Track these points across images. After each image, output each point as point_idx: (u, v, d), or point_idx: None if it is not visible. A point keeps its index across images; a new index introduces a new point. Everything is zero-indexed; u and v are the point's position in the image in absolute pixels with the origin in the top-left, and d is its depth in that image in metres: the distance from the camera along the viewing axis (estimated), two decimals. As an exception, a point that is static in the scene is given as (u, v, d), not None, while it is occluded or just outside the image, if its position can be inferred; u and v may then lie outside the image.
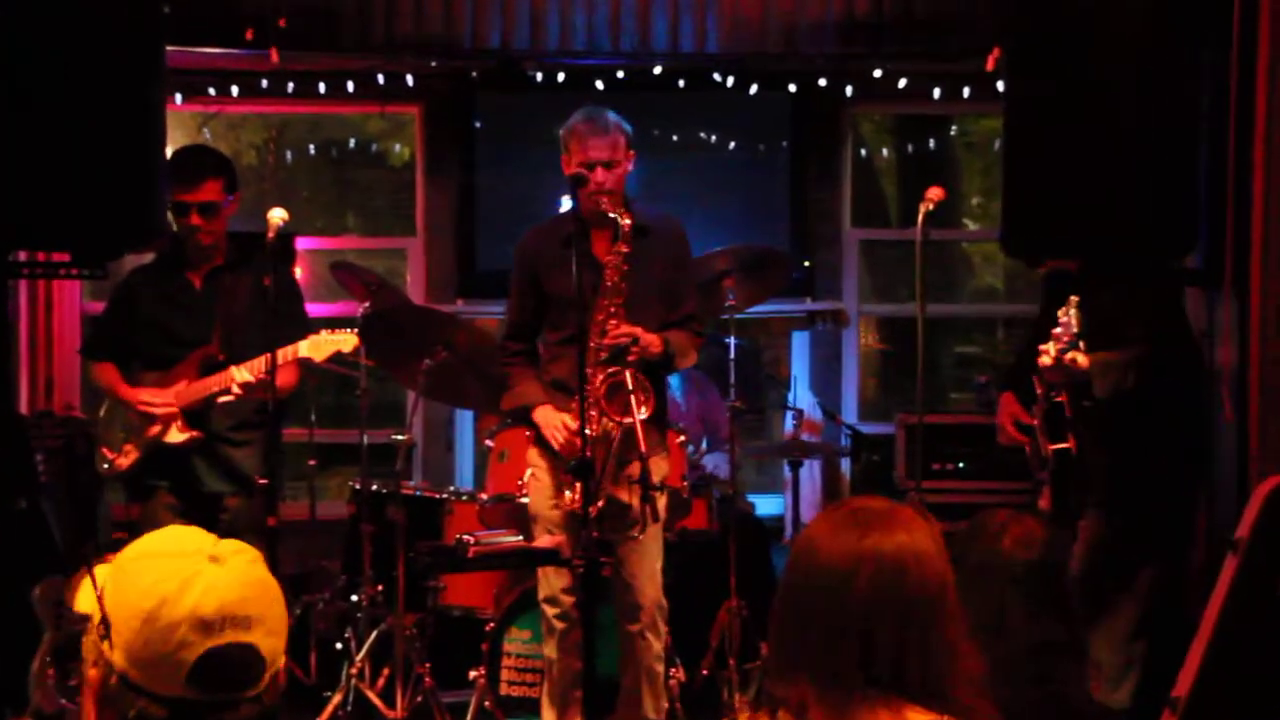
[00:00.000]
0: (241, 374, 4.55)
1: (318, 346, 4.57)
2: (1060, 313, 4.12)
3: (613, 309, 4.33)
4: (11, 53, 3.93)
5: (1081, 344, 4.11)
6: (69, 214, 4.00)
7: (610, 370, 4.26)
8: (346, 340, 4.61)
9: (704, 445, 6.29)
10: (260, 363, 4.52)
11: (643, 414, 4.15)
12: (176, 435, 4.67)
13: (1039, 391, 4.46)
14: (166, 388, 4.68)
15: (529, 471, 4.56)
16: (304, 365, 4.72)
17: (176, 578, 1.59)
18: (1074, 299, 4.10)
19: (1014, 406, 4.68)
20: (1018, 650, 2.38)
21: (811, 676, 1.87)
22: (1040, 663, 2.40)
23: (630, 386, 4.18)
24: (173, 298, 4.77)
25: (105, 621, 1.58)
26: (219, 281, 4.76)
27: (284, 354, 4.49)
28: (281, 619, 1.67)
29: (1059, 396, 4.35)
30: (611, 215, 4.32)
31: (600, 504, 4.18)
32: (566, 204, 4.49)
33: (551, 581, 4.49)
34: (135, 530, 4.87)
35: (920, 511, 1.99)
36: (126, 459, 4.73)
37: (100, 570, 1.64)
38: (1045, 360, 4.14)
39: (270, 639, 1.64)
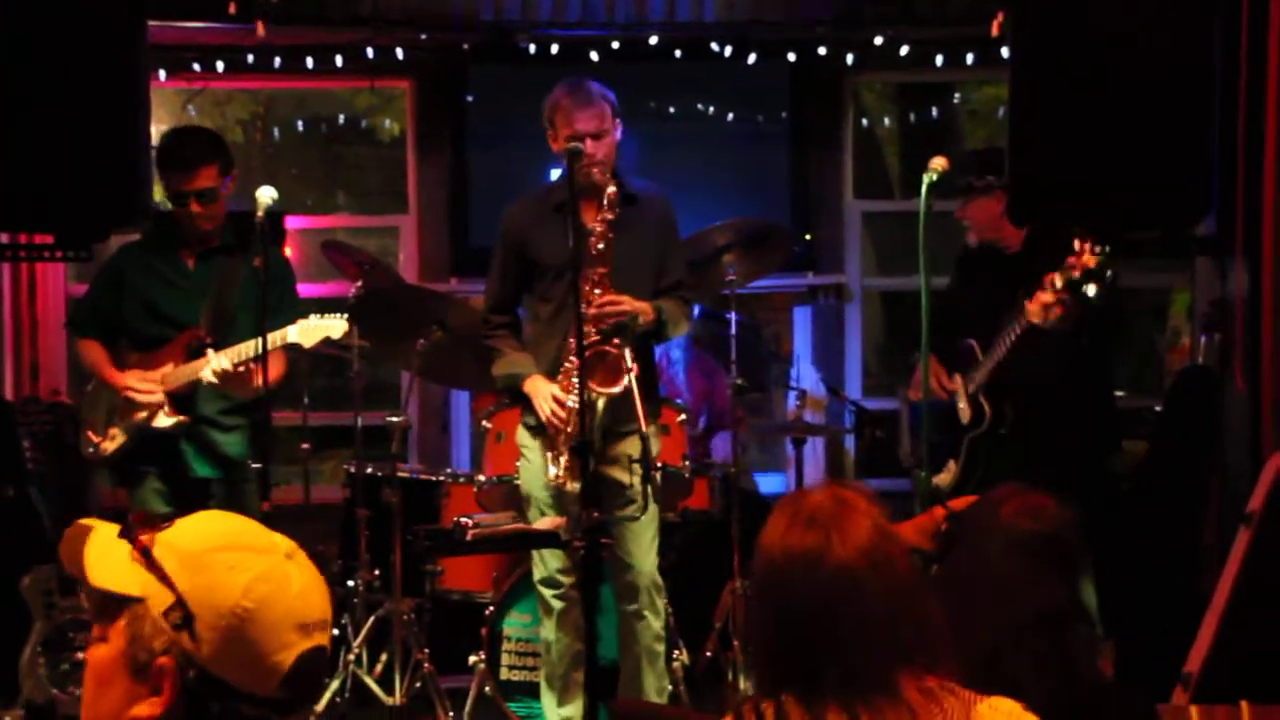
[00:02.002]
0: (219, 361, 4.45)
1: (307, 332, 4.47)
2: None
3: (596, 277, 4.28)
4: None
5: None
6: (52, 195, 3.94)
7: (592, 340, 4.19)
8: (336, 327, 4.51)
9: (701, 423, 6.20)
10: (242, 349, 4.43)
11: (632, 371, 4.07)
12: (164, 420, 4.57)
13: (980, 356, 4.61)
14: (152, 369, 4.58)
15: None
16: (293, 351, 4.61)
17: (271, 577, 1.56)
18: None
19: (935, 366, 4.79)
20: (1021, 619, 2.32)
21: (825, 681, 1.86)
22: (1046, 632, 2.34)
23: (624, 354, 4.10)
24: (163, 276, 4.68)
25: (187, 612, 1.52)
26: (213, 263, 4.67)
27: (272, 339, 4.39)
28: None
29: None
30: (598, 181, 4.28)
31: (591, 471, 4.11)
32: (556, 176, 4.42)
33: (547, 562, 4.45)
34: (123, 516, 4.80)
35: (862, 490, 2.02)
36: (112, 443, 4.63)
37: (166, 553, 1.57)
38: (1046, 297, 4.17)
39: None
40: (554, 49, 6.63)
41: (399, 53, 6.66)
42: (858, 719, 1.84)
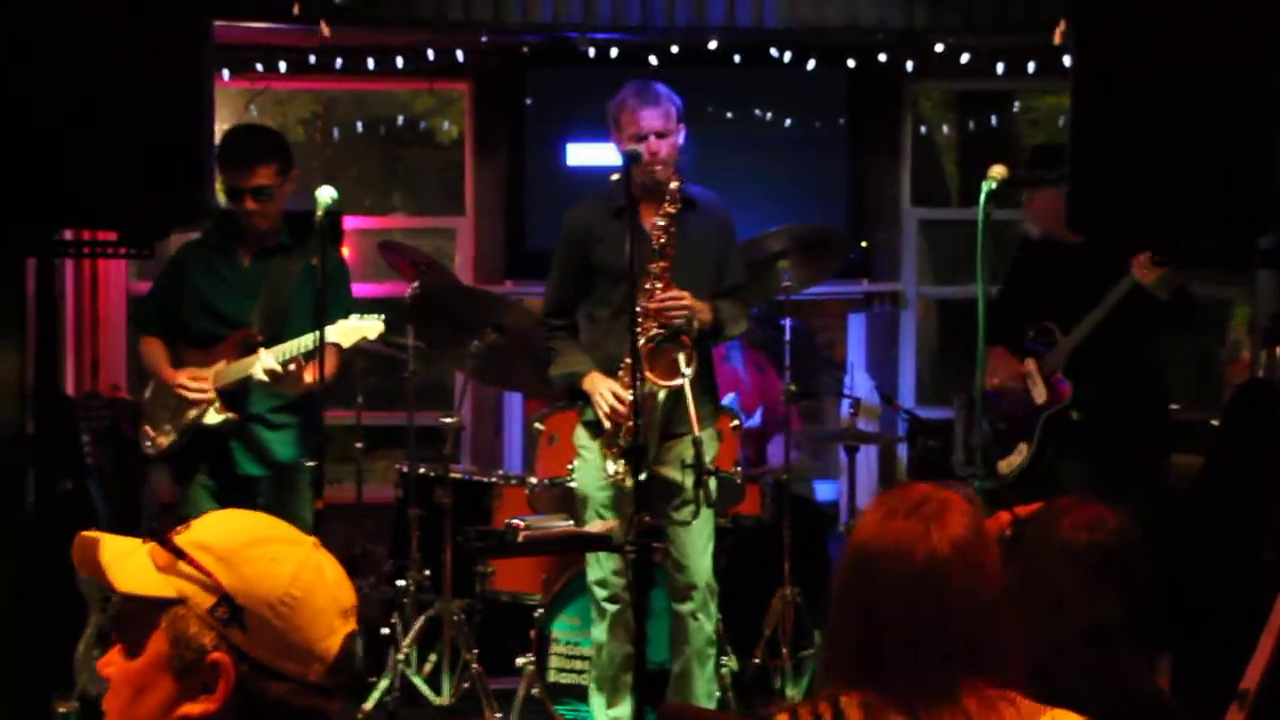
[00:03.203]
0: (268, 359, 4.48)
1: (344, 333, 4.51)
2: None
3: (657, 270, 4.29)
4: (58, 29, 3.89)
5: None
6: (116, 192, 3.96)
7: (654, 334, 4.21)
8: (372, 328, 4.54)
9: (758, 417, 6.20)
10: (289, 347, 4.46)
11: (689, 373, 4.07)
12: (213, 416, 4.61)
13: (1059, 336, 4.73)
14: (207, 367, 4.63)
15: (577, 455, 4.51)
16: (341, 350, 4.63)
17: (310, 565, 1.59)
18: None
19: (1004, 356, 4.94)
20: (1075, 632, 2.30)
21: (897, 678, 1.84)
22: (1098, 647, 2.32)
23: (680, 354, 4.11)
24: (219, 274, 4.72)
25: (234, 606, 1.54)
26: (269, 262, 4.70)
27: (314, 340, 4.42)
28: None
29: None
30: (661, 180, 4.31)
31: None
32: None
33: (602, 563, 4.45)
34: (174, 512, 4.84)
35: (963, 491, 2.04)
36: (165, 439, 4.68)
37: (199, 553, 1.57)
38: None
39: None
40: (613, 53, 6.63)
41: (459, 55, 6.69)
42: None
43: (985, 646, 1.85)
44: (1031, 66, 6.72)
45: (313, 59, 6.66)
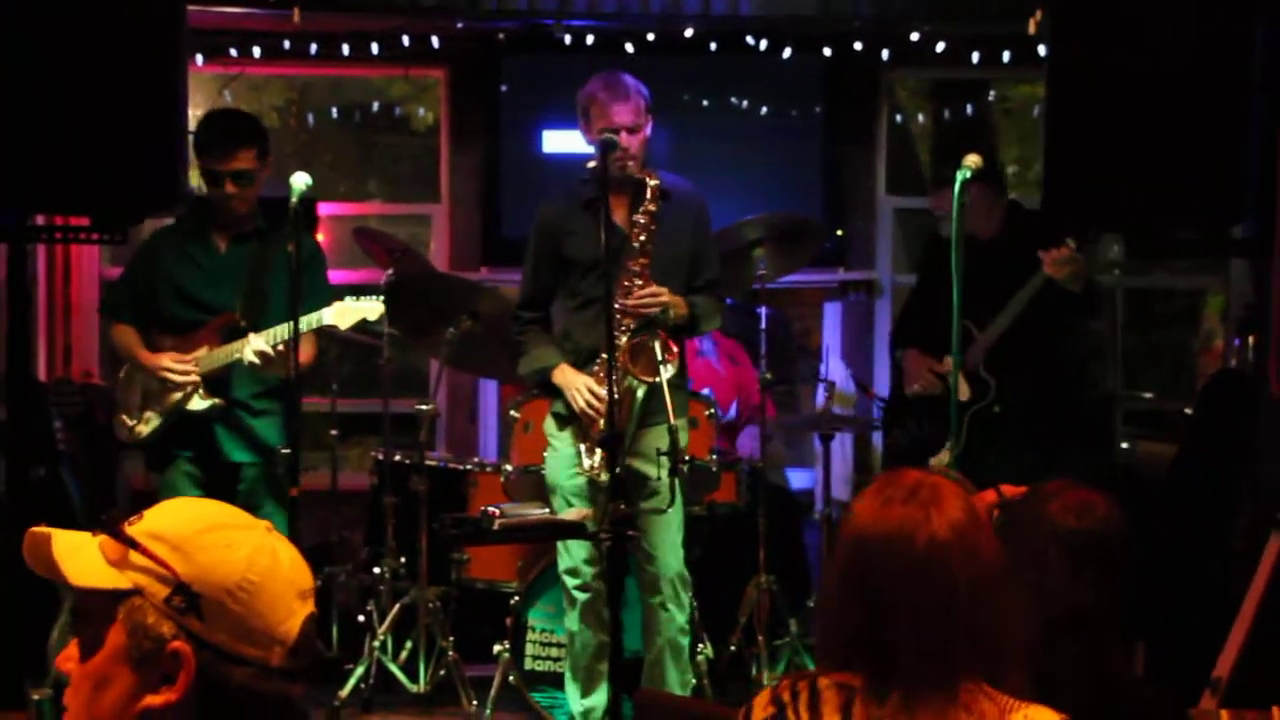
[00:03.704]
0: (258, 343, 4.46)
1: (342, 314, 4.49)
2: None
3: (637, 268, 4.28)
4: (32, 15, 3.87)
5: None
6: (89, 177, 3.96)
7: (630, 330, 4.22)
8: (373, 309, 4.53)
9: (733, 411, 6.19)
10: (278, 331, 4.44)
11: (669, 371, 4.08)
12: (198, 403, 4.58)
13: (976, 334, 4.81)
14: (187, 353, 4.60)
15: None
16: (323, 335, 4.62)
17: (265, 550, 1.58)
18: None
19: (924, 359, 5.03)
20: (1053, 616, 2.30)
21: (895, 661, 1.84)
22: (1078, 632, 2.32)
23: (656, 344, 4.12)
24: (194, 259, 4.69)
25: (191, 594, 1.53)
26: (246, 247, 4.68)
27: (308, 322, 4.40)
28: None
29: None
30: (639, 177, 4.29)
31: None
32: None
33: (572, 552, 4.45)
34: (154, 500, 4.81)
35: (956, 478, 2.04)
36: (146, 426, 4.64)
37: (153, 543, 1.56)
38: (1064, 252, 4.53)
39: None
40: (589, 40, 6.63)
41: (434, 41, 6.67)
42: (914, 709, 1.82)
43: (986, 630, 1.85)
44: (1007, 56, 6.74)
45: (287, 44, 6.62)
